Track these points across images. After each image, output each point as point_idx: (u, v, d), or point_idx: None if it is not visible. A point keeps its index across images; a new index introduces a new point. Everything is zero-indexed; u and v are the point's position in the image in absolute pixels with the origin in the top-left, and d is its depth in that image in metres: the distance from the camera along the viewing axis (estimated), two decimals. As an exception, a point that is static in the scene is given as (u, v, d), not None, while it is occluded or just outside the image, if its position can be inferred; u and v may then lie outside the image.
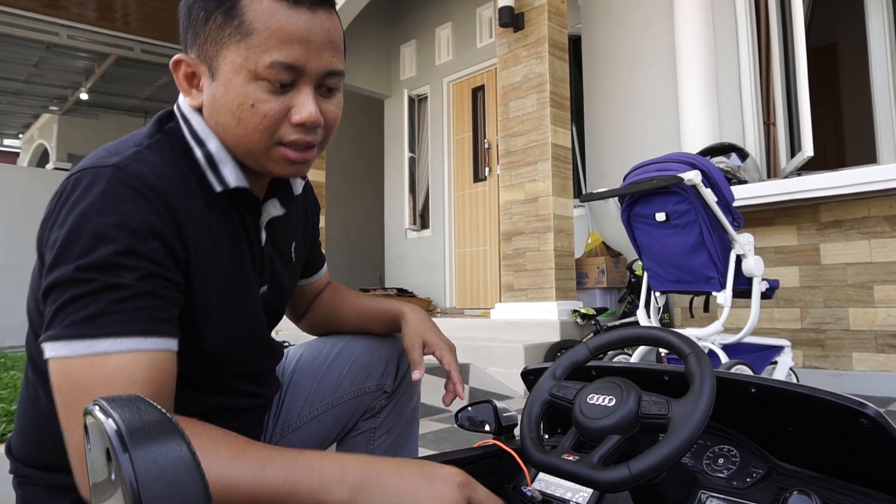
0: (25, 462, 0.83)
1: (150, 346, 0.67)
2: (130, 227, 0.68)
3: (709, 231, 2.29)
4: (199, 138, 0.80)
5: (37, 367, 0.80)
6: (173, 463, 0.31)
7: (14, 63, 7.87)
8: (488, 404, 0.95)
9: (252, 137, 0.77)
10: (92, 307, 0.65)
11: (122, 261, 0.67)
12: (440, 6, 6.22)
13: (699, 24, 3.91)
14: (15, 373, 3.35)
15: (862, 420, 0.61)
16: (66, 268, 0.66)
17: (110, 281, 0.66)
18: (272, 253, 0.92)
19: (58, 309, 0.66)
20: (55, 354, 0.65)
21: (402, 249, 6.49)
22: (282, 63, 0.73)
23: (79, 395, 0.64)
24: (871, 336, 3.03)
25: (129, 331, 0.66)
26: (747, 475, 0.73)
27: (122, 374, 0.65)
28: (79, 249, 0.66)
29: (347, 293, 1.22)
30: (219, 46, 0.75)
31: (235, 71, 0.74)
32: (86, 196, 0.69)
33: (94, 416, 0.34)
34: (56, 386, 0.66)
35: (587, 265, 4.33)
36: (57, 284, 0.66)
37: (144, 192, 0.70)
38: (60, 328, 0.65)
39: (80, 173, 0.71)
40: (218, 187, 0.80)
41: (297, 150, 0.79)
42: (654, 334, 0.73)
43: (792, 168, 3.40)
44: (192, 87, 0.80)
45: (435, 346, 1.06)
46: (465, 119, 5.97)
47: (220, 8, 0.75)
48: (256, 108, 0.75)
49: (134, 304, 0.67)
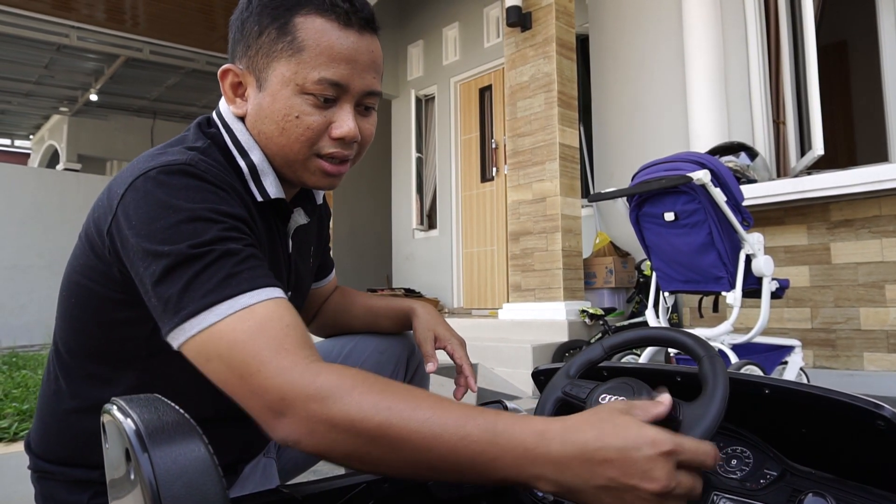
0: (45, 458, 0.84)
1: (279, 293, 0.70)
2: (222, 209, 0.72)
3: (718, 231, 2.27)
4: (243, 148, 0.84)
5: (62, 361, 0.82)
6: (192, 463, 0.31)
7: (25, 65, 7.92)
8: (499, 404, 0.95)
9: (294, 147, 0.81)
10: (219, 273, 0.68)
11: (227, 234, 0.71)
12: (447, 6, 6.21)
13: (708, 22, 3.88)
14: (27, 372, 3.37)
15: (878, 422, 0.60)
16: (180, 248, 0.68)
17: (225, 248, 0.69)
18: (297, 259, 0.97)
19: (185, 287, 0.67)
20: (200, 326, 0.66)
21: (410, 249, 6.50)
22: (328, 80, 0.78)
23: (240, 349, 0.64)
24: (883, 336, 3.01)
25: (259, 283, 0.69)
26: (761, 476, 0.73)
27: (273, 319, 0.67)
28: (185, 233, 0.68)
29: (356, 294, 1.25)
30: (270, 59, 0.80)
31: (284, 84, 0.79)
32: (167, 190, 0.71)
33: (112, 416, 0.34)
34: (214, 355, 0.65)
35: (595, 265, 4.32)
36: (175, 266, 0.68)
37: (219, 184, 0.75)
38: (197, 302, 0.66)
39: (148, 173, 0.73)
40: (259, 197, 0.84)
41: (333, 164, 0.84)
42: (669, 335, 0.73)
43: (802, 167, 3.37)
44: (237, 95, 0.85)
45: (446, 341, 1.07)
46: (473, 119, 5.96)
47: (275, 24, 0.79)
48: (301, 120, 0.80)
49: (251, 263, 0.70)
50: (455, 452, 0.57)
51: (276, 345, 0.64)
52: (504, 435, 0.57)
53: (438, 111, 6.30)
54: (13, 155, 14.06)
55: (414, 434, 0.57)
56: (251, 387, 0.63)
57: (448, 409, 0.59)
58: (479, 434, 0.57)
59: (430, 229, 6.31)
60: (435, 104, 6.36)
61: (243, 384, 0.64)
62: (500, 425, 0.58)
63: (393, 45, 6.70)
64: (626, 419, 0.56)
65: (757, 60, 3.85)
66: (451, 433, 0.57)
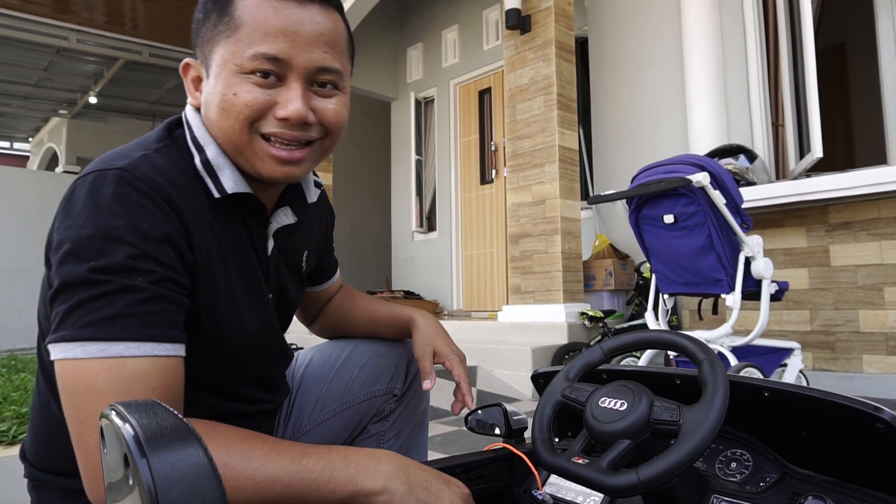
0: (39, 467, 0.83)
1: (164, 351, 0.67)
2: (142, 230, 0.67)
3: (717, 233, 2.28)
4: (199, 144, 0.79)
5: (48, 376, 0.79)
6: (191, 468, 0.31)
7: (24, 67, 7.93)
8: (498, 407, 0.95)
9: (235, 128, 0.75)
10: (108, 308, 0.64)
11: (136, 264, 0.66)
12: (446, 9, 6.22)
13: (706, 25, 3.89)
14: (26, 375, 3.37)
15: (878, 425, 0.60)
16: (79, 269, 0.64)
17: (126, 283, 0.65)
18: (279, 262, 0.91)
19: (70, 309, 0.64)
20: (67, 355, 0.64)
21: (409, 252, 6.50)
22: (263, 54, 0.73)
23: (94, 397, 0.63)
24: (882, 338, 3.01)
25: (145, 335, 0.65)
26: (760, 479, 0.73)
27: (141, 379, 0.64)
28: (91, 251, 0.65)
29: (358, 297, 1.22)
30: (213, 45, 0.76)
31: (223, 66, 0.75)
32: (94, 198, 0.68)
33: (110, 421, 0.34)
34: (68, 388, 0.65)
35: (595, 267, 4.32)
36: (69, 285, 0.65)
37: (152, 196, 0.70)
38: (74, 329, 0.64)
39: (87, 176, 0.70)
40: (216, 193, 0.78)
41: (284, 148, 0.77)
42: (668, 338, 0.72)
43: (801, 169, 3.38)
44: (196, 90, 0.82)
45: (445, 357, 1.06)
46: (472, 121, 5.97)
47: (216, 7, 0.76)
48: (238, 97, 0.74)
49: (149, 307, 0.66)
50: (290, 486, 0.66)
51: None
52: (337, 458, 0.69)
53: (438, 113, 6.30)
54: (12, 157, 14.06)
55: (249, 482, 0.65)
56: (89, 441, 0.63)
57: (281, 451, 0.68)
58: (313, 464, 0.67)
59: (430, 231, 6.31)
60: (434, 106, 6.36)
61: (83, 433, 0.64)
62: (333, 452, 0.70)
63: (392, 48, 6.71)
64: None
65: (756, 63, 3.86)
66: (286, 471, 0.66)
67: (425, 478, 0.70)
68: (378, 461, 0.70)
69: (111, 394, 0.63)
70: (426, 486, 0.69)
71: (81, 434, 0.65)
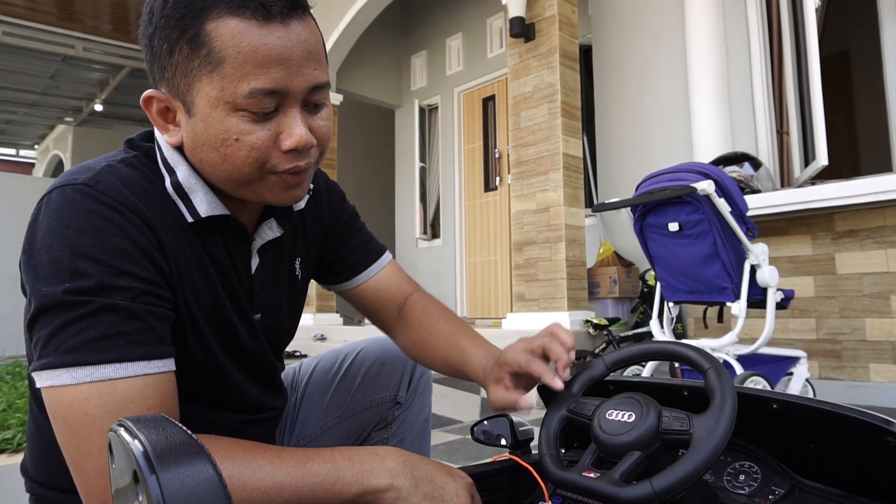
0: (40, 482, 0.83)
1: (154, 369, 0.65)
2: (112, 244, 0.65)
3: (722, 241, 2.27)
4: (169, 166, 0.75)
5: (40, 401, 0.77)
6: (200, 485, 0.31)
7: (31, 75, 7.99)
8: (504, 418, 0.94)
9: (243, 171, 0.71)
10: (89, 331, 0.62)
11: (112, 281, 0.64)
12: (450, 17, 6.25)
13: (710, 32, 3.90)
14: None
15: (888, 438, 0.60)
16: (55, 291, 0.62)
17: (105, 302, 0.63)
18: (267, 278, 0.87)
19: (51, 334, 0.62)
20: (55, 382, 0.62)
21: (413, 259, 6.50)
22: (261, 90, 0.67)
23: (88, 423, 0.62)
24: (889, 347, 2.99)
25: (132, 355, 0.63)
26: (769, 492, 0.72)
27: (135, 400, 0.63)
28: (63, 273, 0.62)
29: (438, 319, 1.03)
30: (190, 80, 0.68)
31: (213, 105, 0.68)
32: (59, 217, 0.65)
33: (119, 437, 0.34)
34: (60, 416, 0.63)
35: (599, 275, 4.31)
36: (45, 310, 0.63)
37: (117, 207, 0.67)
38: (57, 355, 0.62)
39: (51, 193, 0.68)
40: (189, 218, 0.74)
41: (293, 177, 0.74)
42: (671, 349, 0.72)
43: (806, 177, 3.37)
44: (168, 122, 0.74)
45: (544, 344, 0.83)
46: (476, 129, 5.98)
47: (184, 37, 0.67)
48: (242, 142, 0.69)
49: (132, 325, 0.64)
50: (298, 491, 0.66)
51: None
52: (342, 460, 0.69)
53: (442, 121, 6.32)
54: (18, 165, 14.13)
55: (256, 491, 0.65)
56: (87, 467, 0.63)
57: (285, 457, 0.68)
58: (318, 468, 0.68)
59: (434, 239, 6.31)
60: (438, 114, 6.38)
61: (79, 460, 0.63)
62: (337, 454, 0.70)
63: (396, 56, 6.74)
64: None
65: (760, 70, 3.86)
66: (292, 476, 0.66)
67: (429, 471, 0.71)
68: (382, 458, 0.70)
69: (105, 418, 0.62)
70: (431, 479, 0.70)
71: (78, 462, 0.63)
